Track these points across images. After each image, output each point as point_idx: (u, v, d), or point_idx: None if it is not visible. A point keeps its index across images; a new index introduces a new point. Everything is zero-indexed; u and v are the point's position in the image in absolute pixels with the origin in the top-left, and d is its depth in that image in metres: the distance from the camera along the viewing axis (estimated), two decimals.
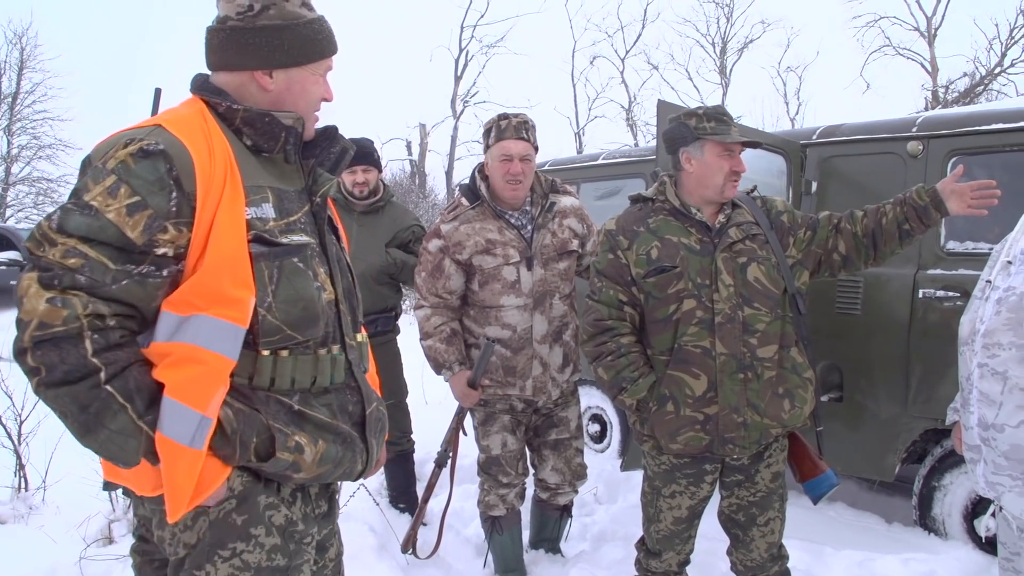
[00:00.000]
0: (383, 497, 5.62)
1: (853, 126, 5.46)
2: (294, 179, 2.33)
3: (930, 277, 4.81)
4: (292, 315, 2.17)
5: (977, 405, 2.88)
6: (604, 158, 7.07)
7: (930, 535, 4.93)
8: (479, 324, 4.32)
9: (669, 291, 3.45)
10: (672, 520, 3.65)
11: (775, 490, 3.59)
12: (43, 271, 1.89)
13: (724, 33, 39.81)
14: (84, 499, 4.87)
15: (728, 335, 3.38)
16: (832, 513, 5.53)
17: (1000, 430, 2.78)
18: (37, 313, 1.86)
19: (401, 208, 5.64)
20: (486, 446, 4.42)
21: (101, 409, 1.91)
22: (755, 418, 3.39)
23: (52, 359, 1.87)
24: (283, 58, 2.24)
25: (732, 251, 3.45)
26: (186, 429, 1.98)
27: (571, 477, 4.57)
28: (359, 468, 2.38)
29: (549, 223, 4.31)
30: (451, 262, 4.25)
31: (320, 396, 2.26)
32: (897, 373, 4.95)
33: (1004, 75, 30.70)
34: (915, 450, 5.03)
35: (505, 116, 4.24)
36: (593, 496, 5.84)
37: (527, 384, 4.28)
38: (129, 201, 1.95)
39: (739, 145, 3.49)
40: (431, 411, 7.07)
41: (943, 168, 4.83)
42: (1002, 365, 2.77)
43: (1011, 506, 2.83)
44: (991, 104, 7.98)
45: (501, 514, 4.47)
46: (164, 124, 2.08)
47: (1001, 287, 2.86)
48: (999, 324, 2.79)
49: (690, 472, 3.57)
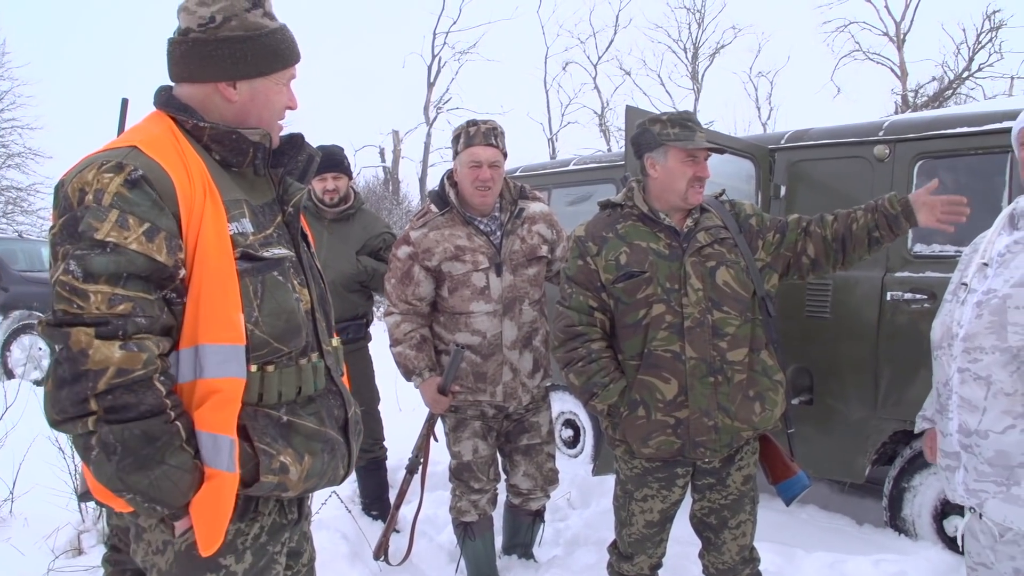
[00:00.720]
0: (355, 504, 5.60)
1: (821, 131, 5.49)
2: (265, 191, 2.35)
3: (898, 280, 4.85)
4: (277, 328, 2.20)
5: (957, 411, 2.81)
6: (575, 164, 7.09)
7: (900, 536, 4.96)
8: (449, 330, 4.31)
9: (638, 296, 3.46)
10: (644, 523, 3.65)
11: (746, 493, 3.60)
12: (98, 325, 1.90)
13: (696, 39, 40.01)
14: (53, 510, 4.84)
15: (698, 339, 3.39)
16: (803, 515, 5.55)
17: (984, 436, 2.73)
18: (114, 361, 1.88)
19: (372, 215, 5.63)
20: (457, 452, 4.42)
21: (167, 443, 1.95)
22: (726, 421, 3.40)
23: (127, 401, 1.91)
24: (246, 69, 2.24)
25: (701, 255, 3.45)
26: (222, 456, 2.04)
27: (543, 482, 4.57)
28: (341, 473, 2.41)
29: (518, 229, 4.32)
30: (420, 269, 4.25)
31: (306, 406, 2.29)
32: (866, 376, 4.98)
33: (972, 79, 31.02)
34: (885, 452, 5.06)
35: (474, 122, 4.25)
36: (566, 501, 5.84)
37: (497, 390, 4.29)
38: (143, 228, 1.97)
39: (703, 151, 3.49)
40: (404, 418, 7.04)
41: (910, 171, 4.87)
42: (985, 370, 2.72)
43: (994, 513, 2.76)
44: (957, 108, 8.03)
45: (473, 520, 4.46)
46: (140, 146, 2.08)
47: (979, 290, 2.80)
48: (981, 328, 2.74)
49: (662, 476, 3.58)
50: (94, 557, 4.60)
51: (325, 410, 2.34)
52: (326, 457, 2.30)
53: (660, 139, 3.49)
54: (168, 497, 1.98)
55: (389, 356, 4.38)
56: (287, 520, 2.34)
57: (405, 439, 5.70)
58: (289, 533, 2.36)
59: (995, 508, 2.74)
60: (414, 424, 4.84)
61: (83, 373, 1.87)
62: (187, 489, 2.01)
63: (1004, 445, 2.68)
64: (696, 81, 39.75)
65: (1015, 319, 2.66)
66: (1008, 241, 2.82)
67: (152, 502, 1.97)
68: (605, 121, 39.38)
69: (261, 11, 2.26)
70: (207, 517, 2.05)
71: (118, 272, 1.93)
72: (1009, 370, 2.66)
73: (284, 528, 2.32)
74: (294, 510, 2.39)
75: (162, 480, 1.95)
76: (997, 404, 2.69)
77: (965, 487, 2.81)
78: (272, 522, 2.28)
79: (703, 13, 39.82)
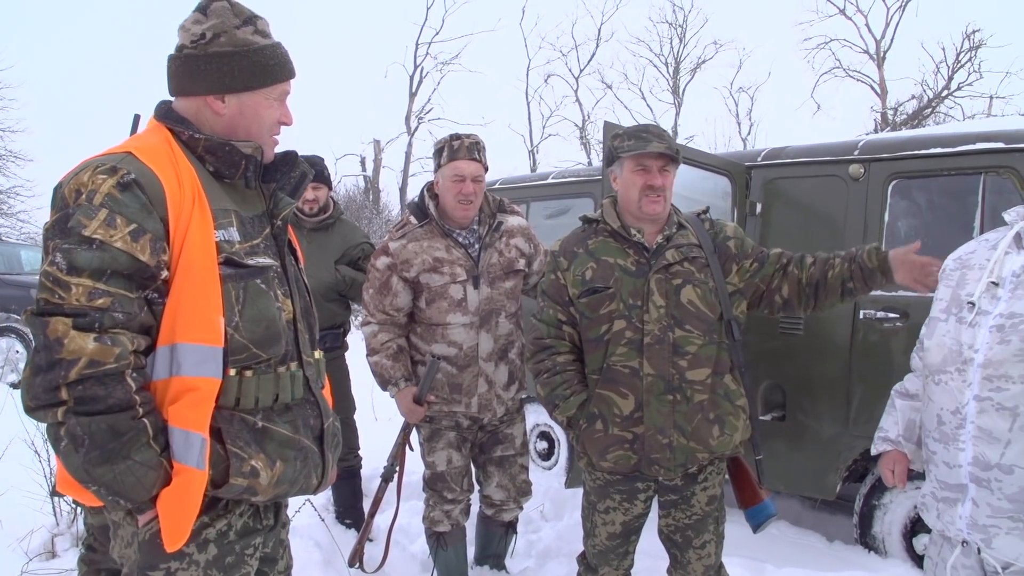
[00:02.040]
0: (329, 513, 5.60)
1: (797, 149, 5.54)
2: (255, 204, 2.42)
3: (871, 298, 4.86)
4: (257, 334, 2.26)
5: (973, 442, 2.60)
6: (554, 177, 7.13)
7: (870, 553, 4.99)
8: (426, 341, 4.33)
9: (601, 311, 3.49)
10: (607, 535, 3.67)
11: (710, 513, 3.59)
12: (76, 316, 1.97)
13: (677, 53, 40.12)
14: (26, 513, 4.83)
15: (656, 356, 3.39)
16: (774, 531, 5.56)
17: (1008, 471, 2.52)
18: (86, 352, 1.95)
19: (350, 225, 5.64)
20: (431, 462, 4.43)
21: (133, 439, 2.01)
22: (681, 440, 3.40)
23: (96, 393, 1.96)
24: (233, 83, 2.32)
25: (668, 272, 3.45)
26: (192, 452, 2.09)
27: (516, 494, 4.60)
28: (315, 483, 2.44)
29: (496, 242, 4.35)
30: (399, 279, 4.28)
31: (283, 413, 2.34)
32: (839, 393, 5.02)
33: (951, 98, 31.20)
34: (856, 469, 5.10)
35: (457, 136, 4.28)
36: (539, 513, 5.85)
37: (472, 401, 4.31)
38: (129, 228, 2.05)
39: (657, 161, 3.47)
40: (380, 427, 7.04)
41: (884, 191, 4.92)
42: (1011, 400, 2.51)
43: (1004, 549, 2.56)
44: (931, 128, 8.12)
45: (446, 530, 4.48)
46: (134, 152, 2.17)
47: (993, 312, 2.62)
48: (1008, 355, 2.53)
49: (623, 489, 3.59)
50: (67, 560, 4.59)
51: (301, 419, 2.38)
52: (298, 465, 2.34)
53: (617, 152, 3.51)
54: (131, 492, 2.04)
55: (365, 365, 4.40)
56: (261, 525, 2.38)
57: (380, 448, 5.70)
58: (263, 538, 2.39)
59: (1006, 544, 2.56)
60: (389, 433, 4.85)
61: (57, 362, 1.94)
62: (151, 485, 2.06)
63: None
64: (677, 95, 39.86)
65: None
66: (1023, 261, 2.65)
67: (116, 495, 2.03)
68: (586, 134, 39.43)
69: (252, 28, 2.34)
70: (174, 512, 2.10)
71: (101, 268, 2.00)
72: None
73: (257, 532, 2.36)
74: (270, 516, 2.43)
75: (126, 475, 2.01)
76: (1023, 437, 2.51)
77: (971, 522, 2.61)
78: (243, 524, 2.31)
79: (685, 28, 39.96)
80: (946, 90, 31.33)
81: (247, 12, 2.36)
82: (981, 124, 6.03)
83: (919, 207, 5.10)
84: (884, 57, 33.18)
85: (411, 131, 38.11)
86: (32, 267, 13.87)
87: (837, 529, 5.56)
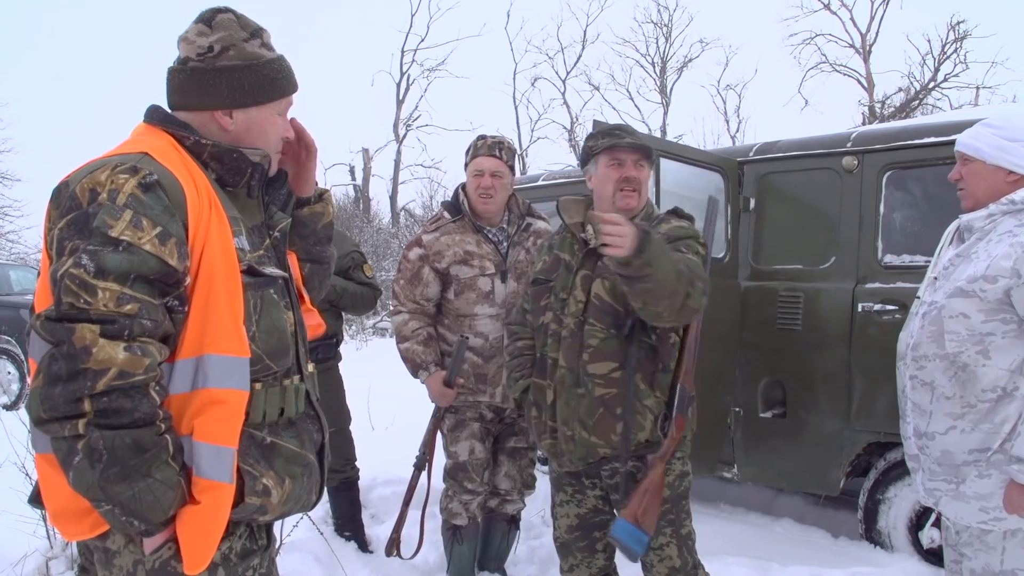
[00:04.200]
0: (327, 526, 5.53)
1: (789, 142, 5.51)
2: (255, 214, 2.37)
3: (868, 291, 4.86)
4: (271, 345, 2.21)
5: (912, 415, 3.12)
6: (544, 179, 7.14)
7: (876, 548, 4.96)
8: (453, 332, 4.50)
9: (540, 303, 3.60)
10: (565, 528, 3.67)
11: (662, 515, 3.40)
12: (103, 323, 1.86)
13: (663, 53, 40.24)
14: (20, 537, 4.76)
15: (568, 349, 3.42)
16: (779, 528, 5.54)
17: (931, 438, 3.03)
18: (116, 363, 1.85)
19: (340, 234, 5.58)
20: (454, 452, 4.52)
21: (155, 456, 1.92)
22: (582, 434, 3.38)
23: (123, 405, 1.87)
24: (243, 98, 2.26)
25: (595, 268, 3.43)
26: (224, 467, 2.03)
27: (521, 485, 4.70)
28: (313, 499, 2.40)
29: (524, 241, 4.58)
30: (430, 270, 4.47)
31: (287, 428, 2.28)
32: (839, 387, 4.99)
33: (938, 89, 31.32)
34: (859, 463, 5.06)
35: (483, 136, 4.58)
36: (541, 518, 5.80)
37: (497, 391, 4.44)
38: (156, 231, 1.95)
39: (631, 155, 3.47)
40: (376, 437, 7.00)
41: (878, 182, 4.89)
42: (929, 376, 3.02)
43: (947, 510, 3.01)
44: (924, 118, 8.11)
45: (463, 523, 4.55)
46: (151, 152, 2.08)
47: (927, 302, 3.09)
48: (924, 337, 3.03)
49: (573, 482, 3.63)
50: None
51: (305, 433, 2.34)
52: (304, 481, 2.29)
53: (591, 151, 3.53)
54: (148, 512, 1.94)
55: (358, 376, 4.38)
56: (257, 546, 2.31)
57: (377, 459, 5.69)
58: (259, 559, 2.32)
59: (948, 506, 3.02)
60: (387, 443, 4.82)
61: (82, 371, 1.83)
62: (168, 505, 1.97)
63: (947, 445, 2.98)
64: (665, 95, 39.97)
65: (951, 327, 2.95)
66: (951, 254, 3.09)
67: (131, 515, 1.93)
68: (575, 136, 39.47)
69: (259, 41, 2.29)
70: (200, 532, 2.03)
71: (128, 271, 1.90)
72: (948, 375, 2.97)
73: (254, 553, 2.29)
74: (263, 535, 2.36)
75: (145, 494, 1.91)
76: (940, 407, 3.00)
77: (924, 487, 3.11)
78: (242, 546, 2.24)
79: (670, 27, 40.07)
80: (933, 82, 31.51)
81: (253, 24, 2.30)
82: (974, 112, 6.00)
83: (914, 197, 5.07)
84: (870, 51, 33.34)
85: (399, 139, 38.19)
86: (21, 287, 13.73)
87: (842, 525, 5.53)
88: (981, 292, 2.87)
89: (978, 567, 2.97)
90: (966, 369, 2.92)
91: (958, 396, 2.94)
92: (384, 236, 27.94)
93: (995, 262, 2.87)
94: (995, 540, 2.94)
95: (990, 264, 2.88)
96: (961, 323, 2.92)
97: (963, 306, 2.92)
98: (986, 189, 3.03)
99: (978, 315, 2.89)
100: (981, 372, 2.90)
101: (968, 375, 2.92)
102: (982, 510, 2.92)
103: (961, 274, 2.97)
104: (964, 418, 2.94)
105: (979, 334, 2.89)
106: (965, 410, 2.93)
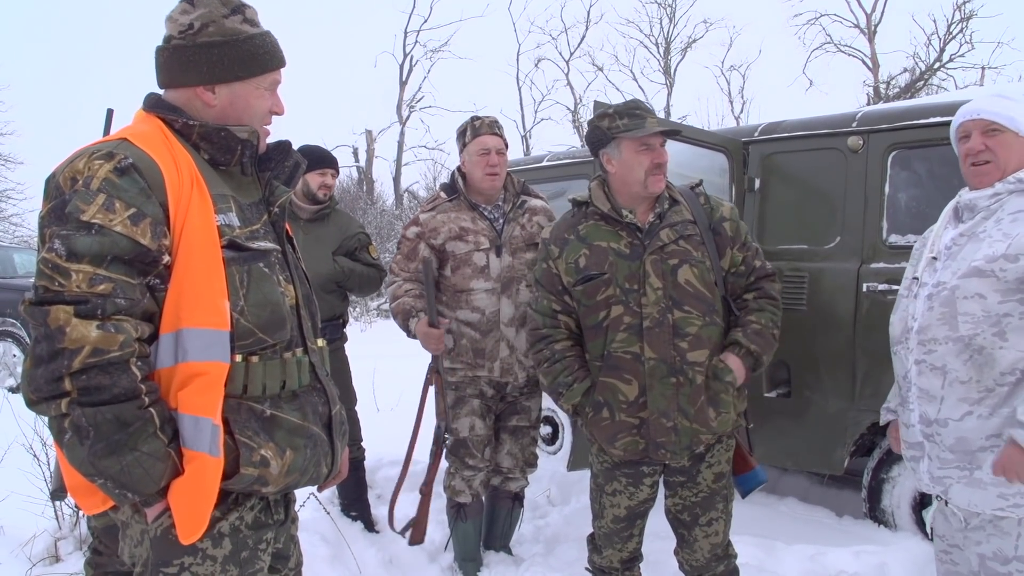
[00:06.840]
0: (334, 506, 5.56)
1: (794, 122, 5.50)
2: (251, 191, 2.42)
3: (873, 271, 4.86)
4: (262, 318, 2.25)
5: (917, 402, 2.97)
6: (548, 160, 7.11)
7: (880, 527, 4.98)
8: (451, 308, 4.55)
9: (598, 298, 3.47)
10: (612, 518, 3.67)
11: (718, 491, 3.58)
12: (77, 304, 1.93)
13: (667, 33, 40.11)
14: (29, 518, 4.79)
15: (657, 339, 3.37)
16: (783, 508, 5.56)
17: (944, 425, 2.88)
18: (89, 340, 1.91)
19: (346, 216, 5.60)
20: (455, 428, 4.56)
21: (140, 429, 1.97)
22: (684, 423, 3.38)
23: (101, 382, 1.93)
24: (223, 73, 2.31)
25: (663, 253, 3.42)
26: (203, 438, 2.06)
27: (523, 463, 4.75)
28: (324, 471, 2.42)
29: (519, 218, 4.61)
30: (426, 246, 4.55)
31: (290, 401, 2.32)
32: (844, 367, 4.99)
33: (943, 70, 31.19)
34: (863, 443, 5.08)
35: (477, 117, 4.65)
36: (546, 498, 5.83)
37: (495, 366, 4.49)
38: (128, 213, 2.01)
39: (658, 137, 3.45)
40: (382, 418, 7.01)
41: (884, 162, 4.89)
42: (940, 360, 2.88)
43: (958, 498, 2.89)
44: (930, 98, 8.07)
45: (467, 501, 4.61)
46: (130, 138, 2.15)
47: (929, 283, 2.97)
48: (933, 320, 2.90)
49: (629, 472, 3.58)
50: (71, 564, 4.57)
51: (309, 406, 2.37)
52: (308, 453, 2.32)
53: (611, 133, 3.47)
54: (139, 484, 2.00)
55: (365, 357, 4.39)
56: (272, 520, 2.35)
57: (383, 439, 5.71)
58: (274, 533, 2.37)
59: (960, 494, 2.88)
60: (392, 424, 4.82)
61: (59, 351, 1.90)
62: (159, 477, 2.02)
63: (963, 431, 2.84)
64: (668, 76, 39.84)
65: (965, 309, 2.83)
66: (954, 234, 2.98)
67: (123, 488, 1.99)
68: (578, 117, 39.37)
69: (240, 17, 2.33)
70: (189, 501, 2.07)
71: (102, 253, 1.97)
72: (962, 359, 2.83)
73: (268, 527, 2.33)
74: (280, 511, 2.41)
75: (133, 466, 1.97)
76: (953, 392, 2.86)
77: (930, 475, 2.97)
78: (254, 518, 2.29)
79: (674, 7, 39.93)
80: (938, 62, 31.38)
81: (235, 1, 2.33)
82: (979, 92, 5.97)
83: (920, 177, 5.05)
84: (875, 31, 33.18)
85: (403, 120, 38.12)
86: (26, 270, 13.72)
87: (846, 504, 5.55)
88: (1001, 272, 2.76)
89: (989, 551, 2.87)
90: (982, 352, 2.79)
91: (974, 380, 2.81)
92: (388, 218, 27.88)
93: (1017, 241, 2.76)
94: (1010, 526, 2.83)
95: (1011, 243, 2.77)
96: (976, 304, 2.80)
97: (979, 286, 2.79)
98: (1019, 160, 2.90)
99: (995, 295, 2.77)
100: (999, 355, 2.77)
101: (985, 358, 2.79)
102: (1000, 496, 2.79)
103: (972, 253, 2.85)
104: (982, 403, 2.80)
105: (995, 315, 2.77)
106: (983, 395, 2.80)
